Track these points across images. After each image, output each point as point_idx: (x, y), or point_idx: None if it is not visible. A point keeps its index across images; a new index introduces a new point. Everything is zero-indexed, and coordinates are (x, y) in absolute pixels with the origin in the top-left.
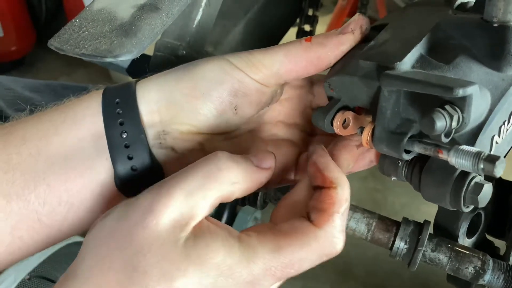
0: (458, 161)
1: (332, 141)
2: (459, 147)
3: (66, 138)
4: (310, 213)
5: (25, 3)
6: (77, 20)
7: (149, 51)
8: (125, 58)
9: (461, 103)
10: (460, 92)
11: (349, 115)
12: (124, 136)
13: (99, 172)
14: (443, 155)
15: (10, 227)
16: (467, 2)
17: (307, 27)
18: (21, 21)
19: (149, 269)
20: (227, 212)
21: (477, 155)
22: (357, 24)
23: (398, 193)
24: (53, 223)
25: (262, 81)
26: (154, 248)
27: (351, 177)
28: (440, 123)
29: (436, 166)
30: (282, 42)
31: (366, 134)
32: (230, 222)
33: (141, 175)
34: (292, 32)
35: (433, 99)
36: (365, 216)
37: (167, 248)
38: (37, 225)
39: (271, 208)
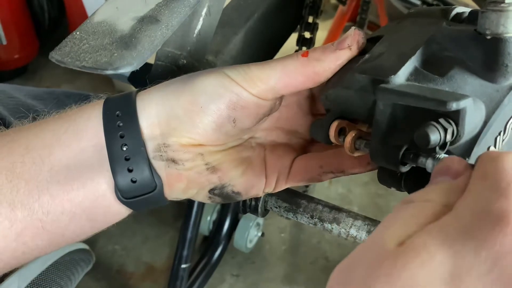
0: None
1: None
2: (437, 156)
3: (68, 148)
4: None
5: (28, 12)
6: (77, 33)
7: (150, 60)
8: (125, 71)
9: (455, 116)
10: (454, 106)
11: (344, 124)
12: (125, 149)
13: (100, 183)
14: (422, 163)
15: (15, 234)
16: (462, 13)
17: (307, 34)
18: (24, 30)
19: None
20: (229, 219)
21: None
22: (354, 40)
23: (400, 198)
24: (56, 230)
25: (259, 95)
26: None
27: (352, 182)
28: (434, 137)
29: None
30: (282, 48)
31: (348, 142)
32: (232, 228)
33: (141, 187)
34: (292, 38)
35: (428, 112)
36: (366, 223)
37: None
38: (41, 231)
39: (272, 215)
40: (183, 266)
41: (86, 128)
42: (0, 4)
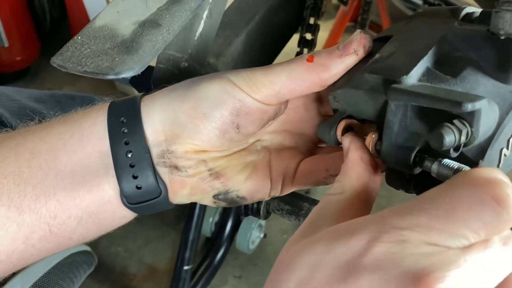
0: (440, 173)
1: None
2: (443, 160)
3: (74, 154)
4: None
5: (29, 14)
6: (79, 37)
7: (152, 62)
8: (126, 75)
9: (470, 118)
10: (469, 107)
11: (352, 124)
12: (129, 156)
13: (106, 189)
14: (427, 167)
15: (23, 237)
16: (472, 13)
17: (308, 36)
18: (25, 32)
19: None
20: (231, 220)
21: (457, 170)
22: (360, 44)
23: (402, 198)
24: (64, 233)
25: (263, 101)
26: None
27: None
28: (449, 138)
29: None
30: (283, 50)
31: (368, 144)
32: (234, 230)
33: (146, 194)
34: (293, 40)
35: (441, 113)
36: None
37: None
38: (48, 235)
39: (274, 217)
40: (186, 267)
41: (91, 134)
42: (2, 6)
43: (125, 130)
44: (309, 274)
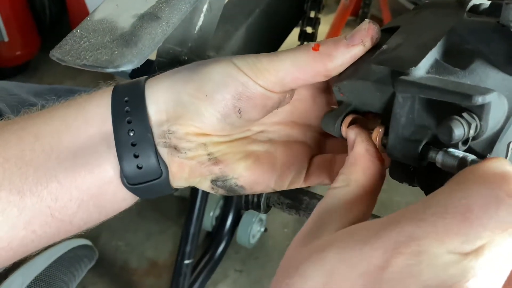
0: (445, 162)
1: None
2: (448, 150)
3: (77, 135)
4: None
5: (29, 8)
6: (78, 31)
7: (152, 56)
8: (126, 68)
9: (480, 111)
10: (480, 100)
11: (357, 119)
12: (131, 134)
13: (107, 169)
14: (432, 158)
15: (24, 222)
16: (479, 5)
17: (309, 29)
18: (25, 26)
19: None
20: (232, 214)
21: (463, 158)
22: (368, 35)
23: (403, 192)
24: (65, 217)
25: (267, 87)
26: None
27: None
28: (458, 132)
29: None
30: (283, 44)
31: (375, 138)
32: (235, 224)
33: (146, 174)
34: (294, 33)
35: (449, 106)
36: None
37: None
38: (49, 219)
39: (275, 211)
40: (186, 262)
41: (95, 115)
42: (1, 1)
43: (128, 109)
44: (324, 283)
